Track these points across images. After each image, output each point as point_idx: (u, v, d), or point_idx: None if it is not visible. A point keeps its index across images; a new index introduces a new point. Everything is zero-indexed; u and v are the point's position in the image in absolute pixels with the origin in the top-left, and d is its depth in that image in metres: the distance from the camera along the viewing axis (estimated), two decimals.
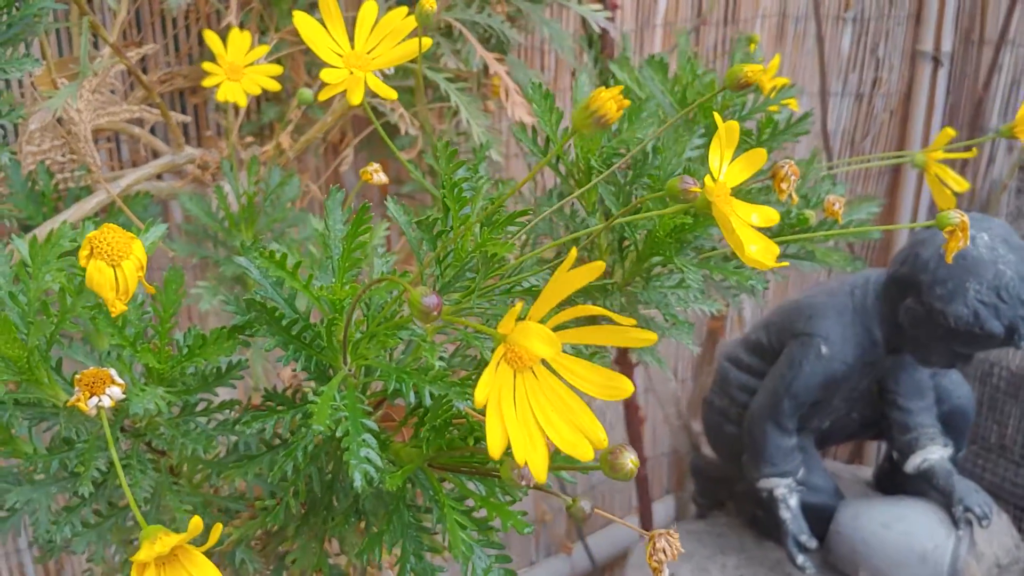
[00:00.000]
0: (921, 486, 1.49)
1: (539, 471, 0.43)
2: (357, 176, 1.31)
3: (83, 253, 0.49)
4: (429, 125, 0.72)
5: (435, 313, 0.45)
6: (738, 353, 1.57)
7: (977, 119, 1.92)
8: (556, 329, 0.43)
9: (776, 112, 0.92)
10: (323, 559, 0.65)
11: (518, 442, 0.42)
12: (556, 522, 1.90)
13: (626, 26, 1.60)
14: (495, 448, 0.42)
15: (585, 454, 0.43)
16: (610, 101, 0.45)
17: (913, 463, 1.46)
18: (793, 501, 1.45)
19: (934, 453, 1.45)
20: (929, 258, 1.29)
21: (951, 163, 0.95)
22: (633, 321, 0.43)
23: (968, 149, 0.98)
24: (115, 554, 0.73)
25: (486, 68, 1.07)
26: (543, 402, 0.44)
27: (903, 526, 1.43)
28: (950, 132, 0.96)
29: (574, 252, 0.41)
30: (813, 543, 1.44)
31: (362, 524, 0.64)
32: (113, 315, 0.51)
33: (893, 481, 1.57)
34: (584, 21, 1.33)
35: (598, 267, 0.41)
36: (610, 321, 0.44)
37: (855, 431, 1.59)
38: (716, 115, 0.54)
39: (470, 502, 0.60)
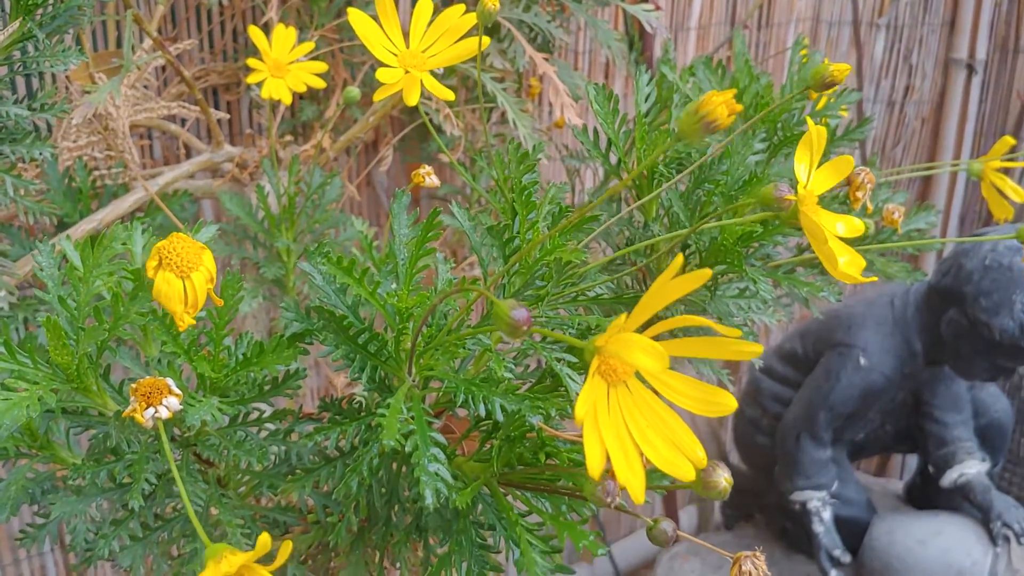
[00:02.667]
0: (956, 500, 1.46)
1: (637, 493, 0.40)
2: (390, 176, 1.29)
3: (151, 264, 0.47)
4: (483, 126, 0.70)
5: (525, 328, 0.42)
6: (771, 362, 1.54)
7: (1019, 128, 1.88)
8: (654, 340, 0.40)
9: (830, 117, 0.89)
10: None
11: (618, 462, 0.39)
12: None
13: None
14: (595, 468, 0.39)
15: (686, 474, 0.41)
16: (721, 105, 0.42)
17: (950, 477, 1.43)
18: (827, 514, 1.42)
19: (971, 468, 1.42)
20: (973, 269, 1.27)
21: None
22: (738, 332, 0.40)
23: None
24: (153, 563, 0.71)
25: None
26: (638, 418, 0.41)
27: (940, 542, 1.40)
28: (1009, 140, 0.93)
29: (680, 259, 0.38)
30: (847, 558, 1.41)
31: (420, 541, 0.61)
32: (181, 329, 0.48)
33: (926, 495, 1.54)
34: (624, 22, 1.31)
35: (704, 274, 0.38)
36: (710, 331, 0.42)
37: (888, 443, 1.56)
38: (809, 120, 0.52)
39: (531, 518, 0.57)
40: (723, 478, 0.45)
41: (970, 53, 1.93)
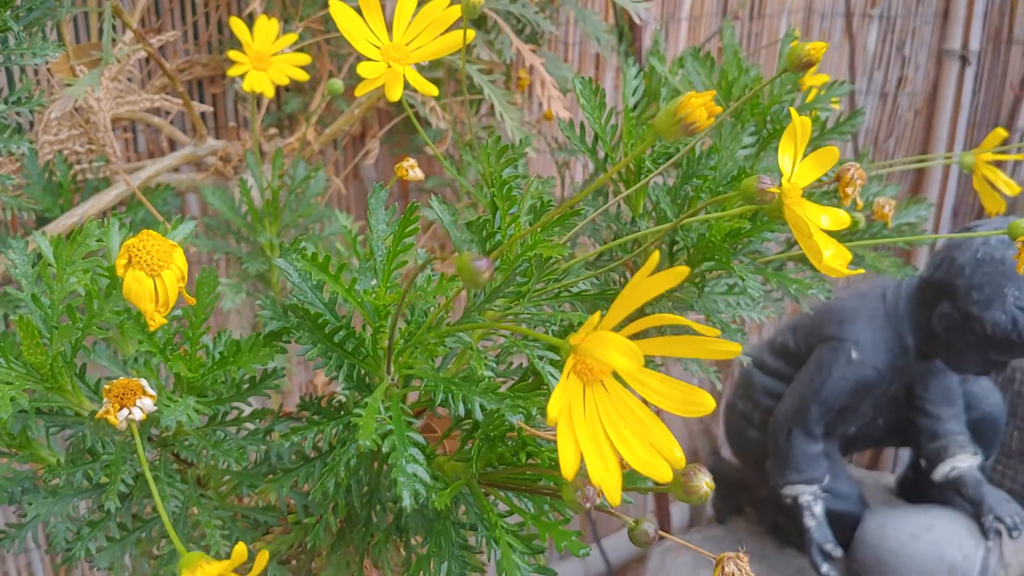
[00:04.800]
0: (947, 494, 1.45)
1: (613, 494, 0.39)
2: (377, 169, 1.27)
3: (120, 262, 0.46)
4: (468, 120, 0.69)
5: (487, 275, 0.41)
6: (762, 356, 1.53)
7: (1013, 119, 1.88)
8: (632, 339, 0.39)
9: (821, 110, 0.88)
10: None
11: (593, 463, 0.39)
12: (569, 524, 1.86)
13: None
14: (568, 469, 0.38)
15: (663, 475, 0.40)
16: (700, 108, 0.41)
17: (942, 471, 1.42)
18: (818, 508, 1.41)
19: (963, 461, 1.42)
20: (965, 263, 1.26)
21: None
22: (717, 332, 0.39)
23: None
24: (134, 562, 0.70)
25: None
26: (615, 418, 0.41)
27: (931, 536, 1.39)
28: (1002, 133, 0.92)
29: (656, 256, 0.37)
30: (838, 552, 1.40)
31: (401, 541, 0.60)
32: (152, 328, 0.47)
33: (918, 488, 1.54)
34: (613, 14, 1.29)
35: (681, 272, 0.38)
36: (689, 331, 0.41)
37: (880, 437, 1.56)
38: (793, 111, 0.51)
39: (513, 518, 0.56)
40: (704, 483, 0.44)
41: (963, 44, 1.92)
